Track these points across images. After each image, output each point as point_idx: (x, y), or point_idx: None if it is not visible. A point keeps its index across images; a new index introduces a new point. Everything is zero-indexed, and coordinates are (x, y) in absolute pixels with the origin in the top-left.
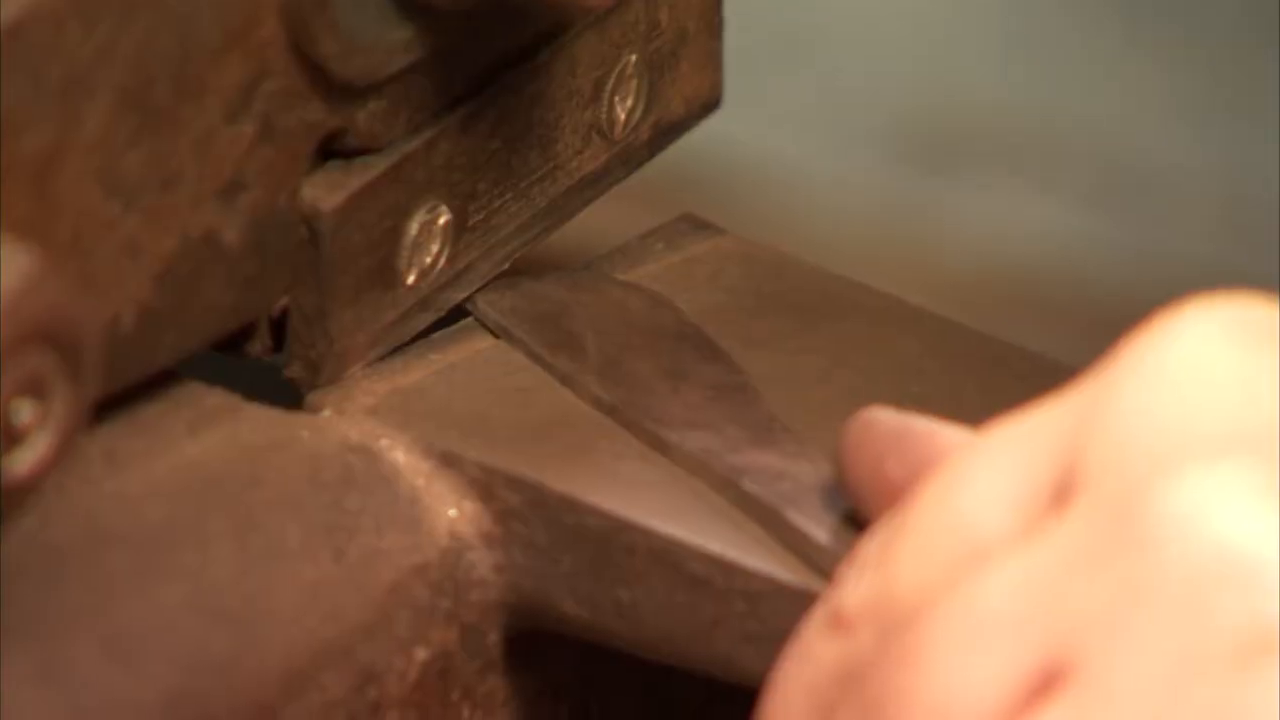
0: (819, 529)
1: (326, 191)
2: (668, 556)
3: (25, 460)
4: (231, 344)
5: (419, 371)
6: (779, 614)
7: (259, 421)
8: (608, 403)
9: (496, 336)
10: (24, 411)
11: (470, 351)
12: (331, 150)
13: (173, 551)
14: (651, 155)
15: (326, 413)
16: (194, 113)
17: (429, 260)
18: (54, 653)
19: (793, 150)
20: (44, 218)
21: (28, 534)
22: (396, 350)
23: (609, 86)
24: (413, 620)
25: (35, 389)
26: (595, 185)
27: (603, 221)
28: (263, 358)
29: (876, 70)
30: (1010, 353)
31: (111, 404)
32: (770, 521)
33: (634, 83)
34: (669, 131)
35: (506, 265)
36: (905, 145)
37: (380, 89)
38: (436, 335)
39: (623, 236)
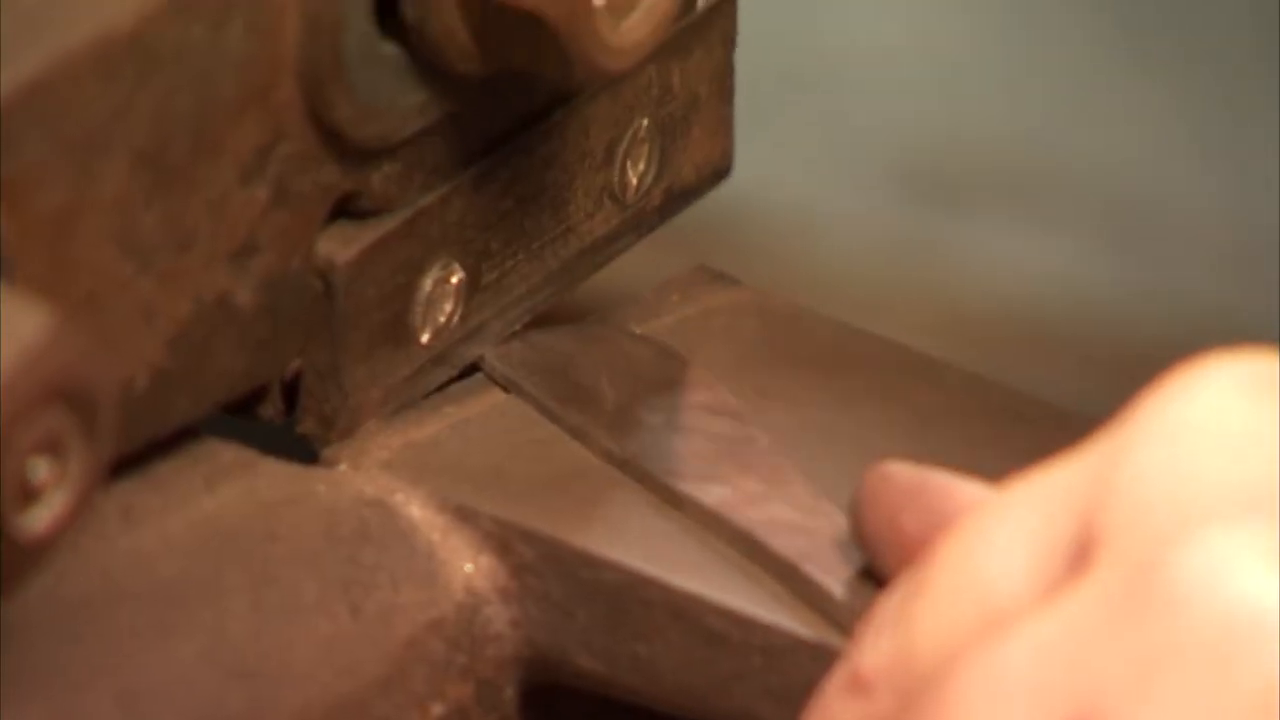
0: (835, 583)
1: (341, 245)
2: (685, 611)
3: (42, 518)
4: (243, 407)
5: (433, 425)
6: (797, 669)
7: (275, 477)
8: (619, 456)
9: (507, 391)
10: (41, 469)
11: (485, 405)
12: (345, 213)
13: (188, 607)
14: (662, 221)
15: (342, 467)
16: (209, 174)
17: (442, 319)
18: (69, 707)
19: (797, 187)
20: (59, 277)
21: (43, 590)
22: (410, 404)
23: (621, 150)
24: (429, 676)
25: (52, 447)
26: (606, 249)
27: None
28: (275, 421)
29: (881, 107)
30: (1026, 404)
31: (125, 463)
32: (787, 576)
33: (646, 147)
34: (680, 197)
35: (518, 326)
36: (911, 182)
37: (394, 152)
38: (451, 388)
39: (628, 276)
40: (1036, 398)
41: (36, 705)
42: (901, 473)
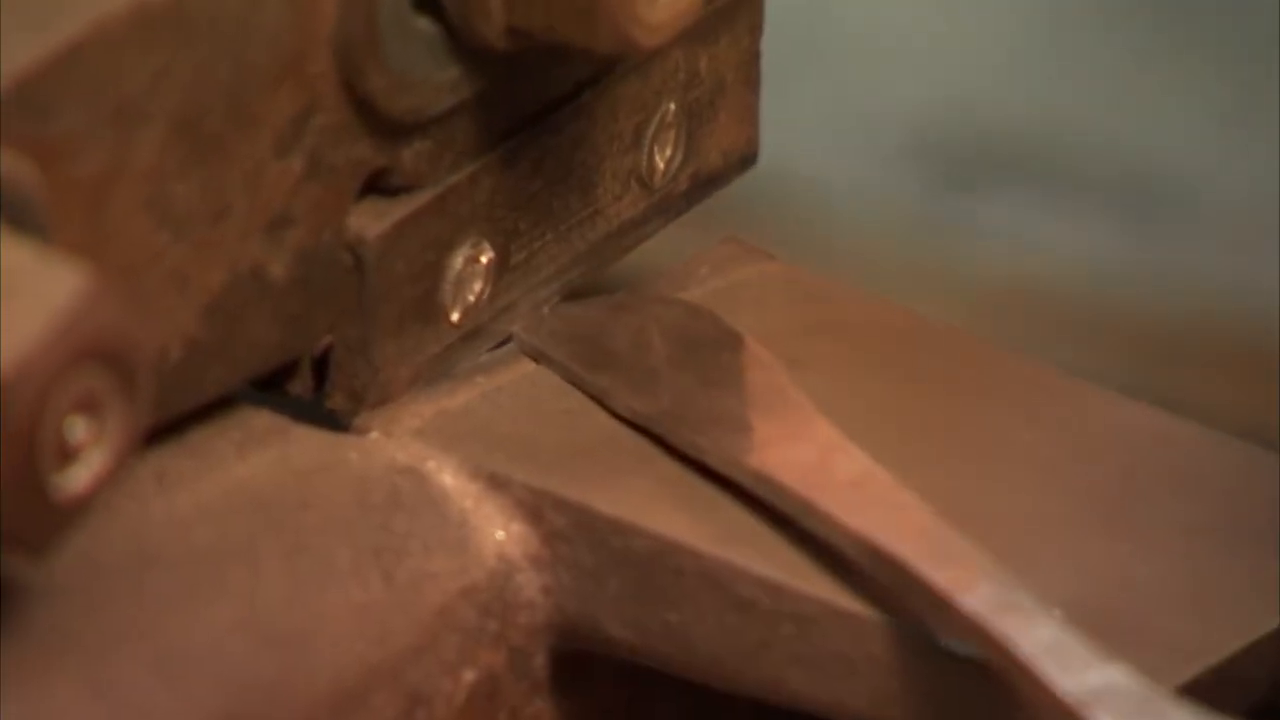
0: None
1: (372, 220)
2: (716, 579)
3: (79, 477)
4: (273, 383)
5: (465, 394)
6: (828, 637)
7: (307, 443)
8: (644, 414)
9: (537, 361)
10: (78, 429)
11: (517, 374)
12: (375, 189)
13: (222, 573)
14: (689, 207)
15: (374, 435)
16: (245, 145)
17: (472, 297)
18: (103, 671)
19: (813, 163)
20: (95, 244)
21: (77, 553)
22: (442, 376)
23: (649, 133)
24: (460, 643)
25: (90, 406)
26: (633, 233)
27: None
28: (305, 398)
29: (898, 83)
30: (1052, 377)
31: (160, 433)
32: (801, 511)
33: (673, 131)
34: (707, 183)
35: (547, 307)
36: (931, 159)
37: (426, 129)
38: (483, 358)
39: (651, 254)
40: (1063, 371)
41: (69, 670)
42: None
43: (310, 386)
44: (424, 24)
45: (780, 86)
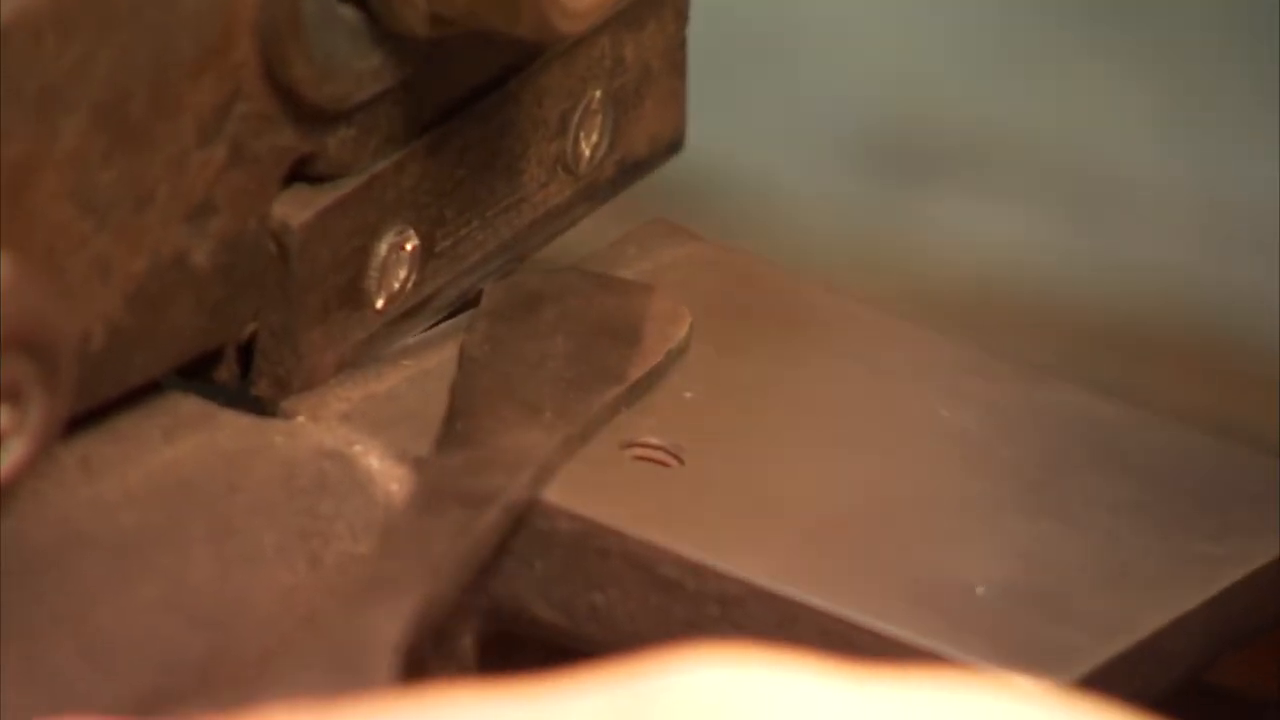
0: None
1: (296, 208)
2: (640, 560)
3: (1, 464)
4: (198, 370)
5: (393, 378)
6: (753, 618)
7: (234, 428)
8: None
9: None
10: (1, 417)
11: (443, 357)
12: (299, 177)
13: (149, 556)
14: (615, 193)
15: (301, 419)
16: (167, 132)
17: (397, 285)
18: (32, 655)
19: (760, 157)
20: (18, 231)
21: (3, 539)
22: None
23: (575, 120)
24: None
25: (11, 395)
26: (559, 220)
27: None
28: (230, 385)
29: (844, 78)
30: (984, 361)
31: (83, 420)
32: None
33: (598, 118)
34: (633, 170)
35: (472, 294)
36: (874, 154)
37: (350, 116)
38: (410, 341)
39: (587, 239)
40: (995, 354)
41: (1, 653)
42: None
43: (236, 374)
44: (347, 12)
45: (728, 79)
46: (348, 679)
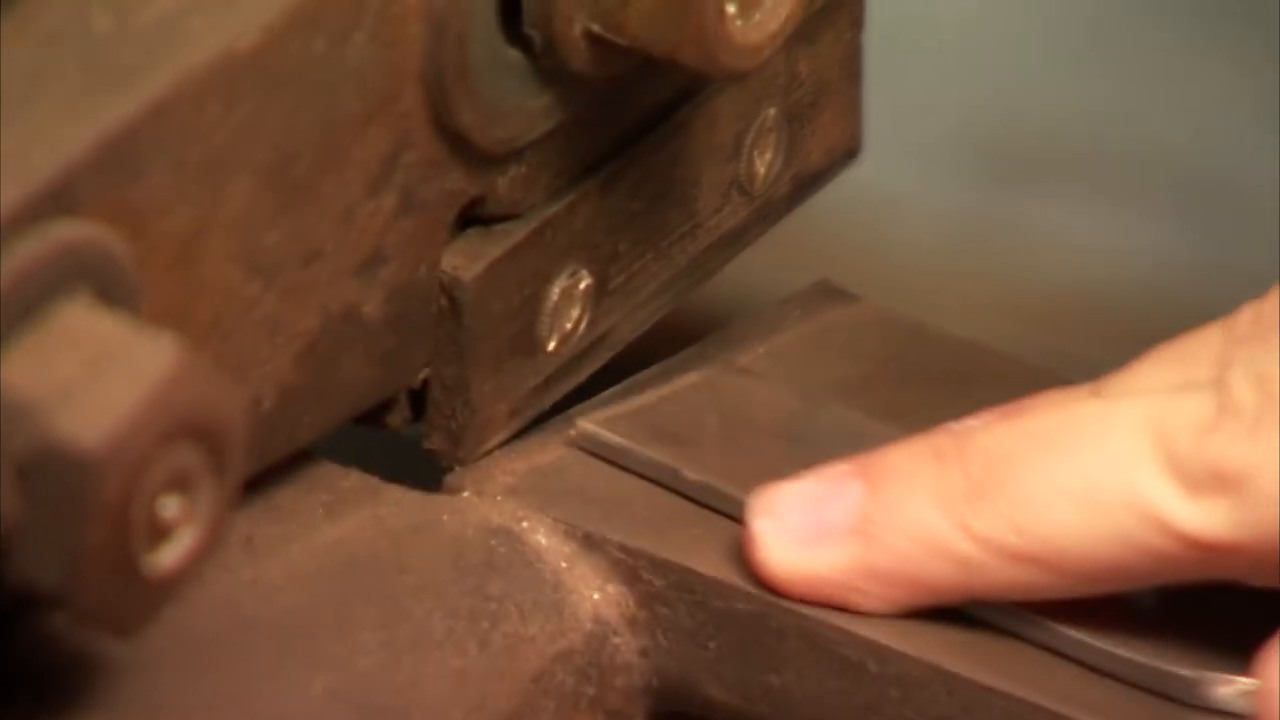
0: None
1: (467, 260)
2: (820, 640)
3: (171, 556)
4: (370, 416)
5: (556, 450)
6: (935, 702)
7: (398, 504)
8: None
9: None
10: (171, 506)
11: None
12: (471, 218)
13: (316, 640)
14: (790, 209)
15: (466, 494)
16: (335, 187)
17: (569, 325)
18: None
19: (863, 162)
20: (184, 300)
21: (167, 623)
22: (533, 427)
23: (749, 141)
24: (558, 709)
25: (181, 484)
26: (735, 242)
27: None
28: (401, 430)
29: (947, 81)
30: None
31: (249, 485)
32: None
33: (773, 136)
34: (809, 184)
35: (646, 327)
36: (980, 158)
37: (520, 155)
38: (572, 411)
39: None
40: None
41: None
42: None
43: (408, 418)
44: (512, 54)
45: None
46: None
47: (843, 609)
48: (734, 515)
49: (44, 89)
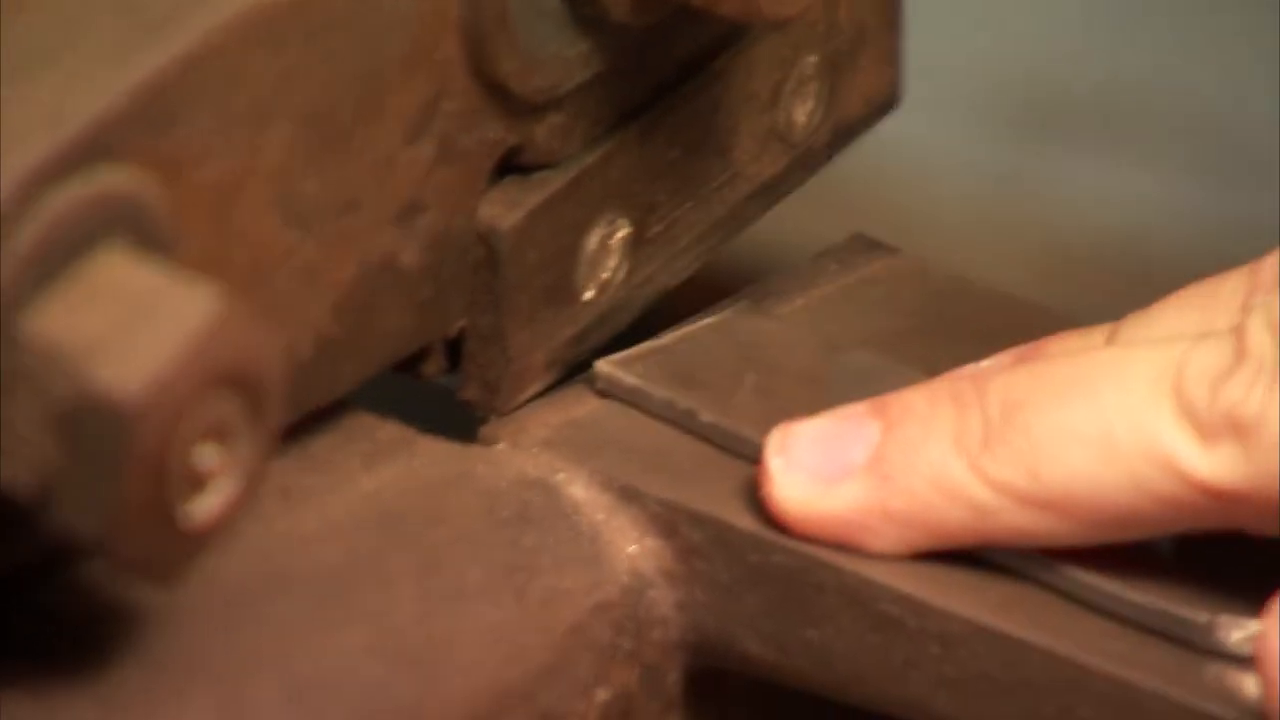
0: None
1: (504, 210)
2: (859, 595)
3: (209, 506)
4: (406, 365)
5: (592, 402)
6: (975, 657)
7: (434, 455)
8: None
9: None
10: (208, 457)
11: None
12: (509, 167)
13: (352, 593)
14: (829, 158)
15: (501, 445)
16: (374, 135)
17: (606, 275)
18: (234, 695)
19: (893, 117)
20: (222, 248)
21: (203, 575)
22: (568, 379)
23: (787, 90)
24: (594, 661)
25: (219, 434)
26: (774, 191)
27: None
28: (437, 378)
29: (972, 39)
30: None
31: (286, 435)
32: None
33: (813, 85)
34: (848, 132)
35: (685, 276)
36: (1003, 114)
37: (559, 104)
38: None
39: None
40: None
41: (201, 696)
42: None
43: (444, 367)
44: (552, 2)
45: None
46: None
47: (854, 549)
48: (751, 458)
49: (81, 38)
